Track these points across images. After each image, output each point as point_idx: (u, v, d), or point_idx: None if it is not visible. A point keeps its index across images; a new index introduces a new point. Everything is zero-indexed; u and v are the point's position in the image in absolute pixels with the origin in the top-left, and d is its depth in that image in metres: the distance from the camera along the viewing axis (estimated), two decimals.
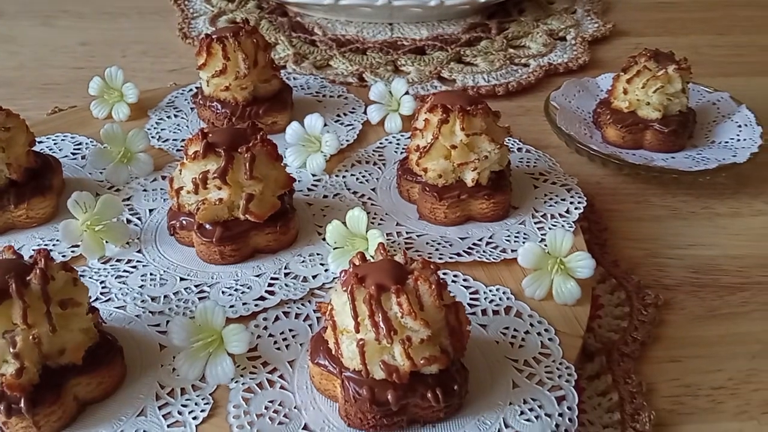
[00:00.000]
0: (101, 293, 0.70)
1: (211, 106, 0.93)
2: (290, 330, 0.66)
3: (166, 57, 1.30)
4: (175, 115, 0.99)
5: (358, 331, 0.55)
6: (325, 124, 0.88)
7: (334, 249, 0.74)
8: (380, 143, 0.94)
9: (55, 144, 0.92)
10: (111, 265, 0.73)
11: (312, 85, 1.07)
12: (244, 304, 0.69)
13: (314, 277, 0.72)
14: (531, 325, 0.67)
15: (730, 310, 0.76)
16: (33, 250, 0.63)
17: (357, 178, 0.87)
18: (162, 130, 0.96)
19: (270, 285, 0.71)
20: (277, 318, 0.68)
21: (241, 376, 0.62)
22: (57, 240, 0.76)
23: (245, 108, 0.93)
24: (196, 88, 1.04)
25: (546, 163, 0.89)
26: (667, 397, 0.67)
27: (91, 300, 0.62)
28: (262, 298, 0.69)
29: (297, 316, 0.68)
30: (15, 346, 0.54)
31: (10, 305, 0.54)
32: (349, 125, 0.97)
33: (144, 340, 0.65)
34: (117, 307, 0.68)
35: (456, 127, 0.76)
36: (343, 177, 0.87)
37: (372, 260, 0.59)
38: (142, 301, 0.69)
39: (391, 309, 0.55)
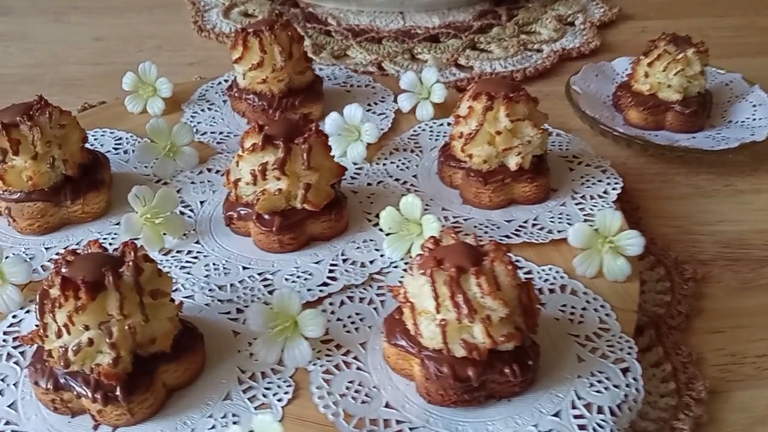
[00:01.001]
0: None
1: (247, 98, 0.95)
2: (357, 314, 0.69)
3: (183, 50, 1.31)
4: (209, 108, 1.00)
5: (438, 312, 0.58)
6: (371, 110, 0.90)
7: (386, 235, 0.76)
8: (414, 131, 0.96)
9: (95, 139, 0.93)
10: (172, 257, 0.75)
11: (338, 75, 1.09)
12: (308, 290, 0.71)
13: (371, 262, 0.75)
14: (587, 302, 0.70)
15: (765, 281, 0.80)
16: (118, 244, 0.65)
17: (397, 166, 0.89)
18: (198, 123, 0.97)
19: (330, 271, 0.73)
20: (342, 302, 0.70)
21: (318, 359, 0.64)
22: (114, 233, 0.78)
23: (281, 100, 0.94)
24: (225, 80, 1.06)
25: (578, 146, 0.92)
26: (715, 366, 0.71)
27: None
28: (324, 284, 0.72)
29: (361, 300, 0.70)
30: (111, 336, 0.56)
31: (105, 297, 0.56)
32: (381, 114, 0.99)
33: (217, 327, 0.67)
34: (185, 297, 0.70)
35: (500, 114, 0.78)
36: (384, 165, 0.89)
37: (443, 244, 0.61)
38: (210, 290, 0.71)
39: (470, 290, 0.57)
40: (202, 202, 0.83)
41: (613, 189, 0.84)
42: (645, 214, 0.90)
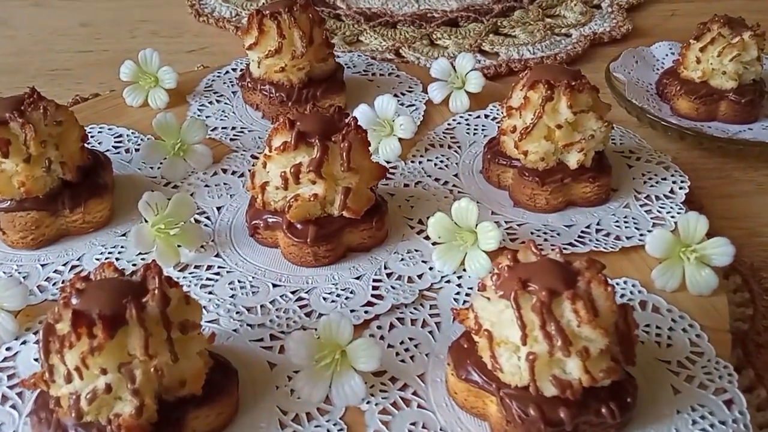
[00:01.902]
0: None
1: (263, 89, 0.85)
2: (410, 339, 0.59)
3: (180, 37, 1.21)
4: (218, 101, 0.90)
5: (525, 344, 0.48)
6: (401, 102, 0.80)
7: (433, 244, 0.67)
8: (448, 124, 0.87)
9: (92, 137, 0.83)
10: (191, 273, 0.65)
11: (357, 63, 0.99)
12: (352, 311, 0.61)
13: (420, 276, 0.65)
14: (673, 320, 0.61)
15: None
16: (134, 265, 0.55)
17: (435, 164, 0.80)
18: (207, 117, 0.87)
19: (375, 288, 0.64)
20: (392, 325, 0.60)
21: (371, 395, 0.54)
22: (122, 246, 0.68)
23: (300, 90, 0.84)
24: (232, 69, 0.96)
25: (632, 140, 0.83)
26: None
27: None
28: (369, 304, 0.62)
29: (413, 322, 0.61)
30: (134, 381, 0.46)
31: (126, 334, 0.46)
32: (410, 106, 0.89)
33: (249, 358, 0.57)
34: (208, 322, 0.60)
35: (561, 105, 0.69)
36: (420, 163, 0.80)
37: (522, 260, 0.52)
38: (237, 312, 0.61)
39: (563, 317, 0.48)
40: (219, 208, 0.73)
41: (680, 188, 0.76)
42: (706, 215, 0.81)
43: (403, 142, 0.80)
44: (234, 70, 0.96)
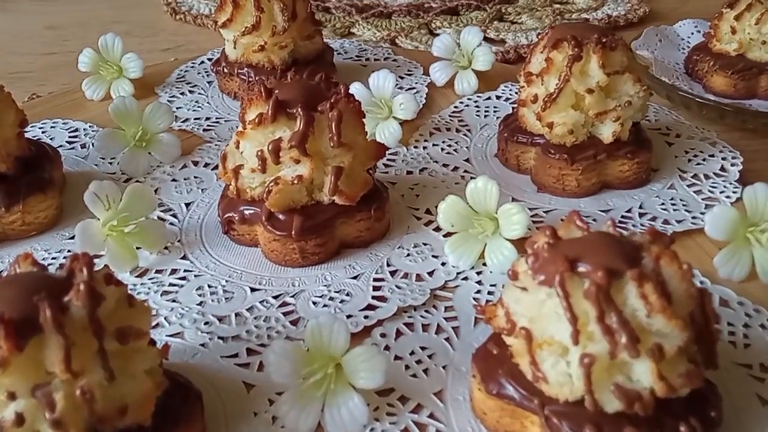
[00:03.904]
0: None
1: (240, 73, 0.74)
2: (422, 348, 0.47)
3: (155, 36, 1.11)
4: (191, 91, 0.79)
5: (576, 343, 0.36)
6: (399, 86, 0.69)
7: (444, 236, 0.55)
8: (455, 107, 0.75)
9: (43, 132, 0.72)
10: (150, 279, 0.53)
11: (349, 48, 0.88)
12: (348, 316, 0.49)
13: (431, 274, 0.53)
14: (747, 315, 0.49)
15: None
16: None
17: (442, 149, 0.68)
18: (178, 108, 0.75)
19: (376, 289, 0.52)
20: (399, 333, 0.48)
21: (376, 420, 0.42)
22: (69, 251, 0.56)
23: (284, 73, 0.73)
24: (208, 59, 0.85)
25: (668, 117, 0.72)
26: None
27: None
28: (370, 307, 0.50)
29: (425, 328, 0.49)
30: (53, 408, 0.33)
31: (40, 344, 0.34)
32: (411, 89, 0.78)
33: (220, 378, 0.45)
34: (171, 336, 0.48)
35: (592, 65, 0.58)
36: (425, 148, 0.68)
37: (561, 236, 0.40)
38: (206, 323, 0.49)
39: (627, 305, 0.36)
40: (188, 205, 0.61)
41: (732, 165, 0.64)
42: None
43: (403, 125, 0.68)
44: (210, 60, 0.85)
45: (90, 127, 0.72)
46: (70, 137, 0.71)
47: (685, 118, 0.74)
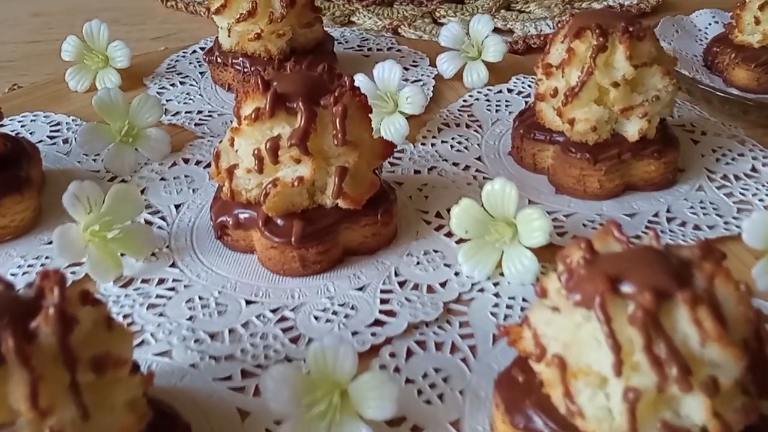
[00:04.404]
0: None
1: (235, 63, 0.69)
2: (436, 370, 0.43)
3: (144, 24, 1.05)
4: (182, 82, 0.74)
5: (619, 374, 0.31)
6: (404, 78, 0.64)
7: (457, 242, 0.51)
8: (464, 101, 0.70)
9: (23, 126, 0.67)
10: (136, 289, 0.49)
11: (350, 38, 0.83)
12: (354, 333, 0.44)
13: (443, 285, 0.49)
14: None
15: None
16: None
17: (451, 146, 0.63)
18: (168, 101, 0.70)
19: (384, 302, 0.47)
20: (410, 352, 0.44)
21: None
22: (47, 257, 0.51)
23: (282, 63, 0.67)
24: (201, 48, 0.80)
25: (691, 112, 0.67)
26: None
27: None
28: (377, 323, 0.45)
29: (438, 346, 0.44)
30: None
31: (4, 377, 0.29)
32: (416, 81, 0.73)
33: (211, 404, 0.41)
34: (157, 354, 0.43)
35: (618, 56, 0.53)
36: (433, 145, 0.63)
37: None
38: (196, 341, 0.44)
39: (677, 331, 0.31)
40: (177, 206, 0.56)
41: (764, 165, 0.60)
42: None
43: (410, 120, 0.63)
44: (203, 49, 0.80)
45: (73, 120, 0.68)
46: (51, 131, 0.66)
47: (706, 113, 0.70)
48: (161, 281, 0.50)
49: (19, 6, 1.12)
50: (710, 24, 0.91)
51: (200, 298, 0.48)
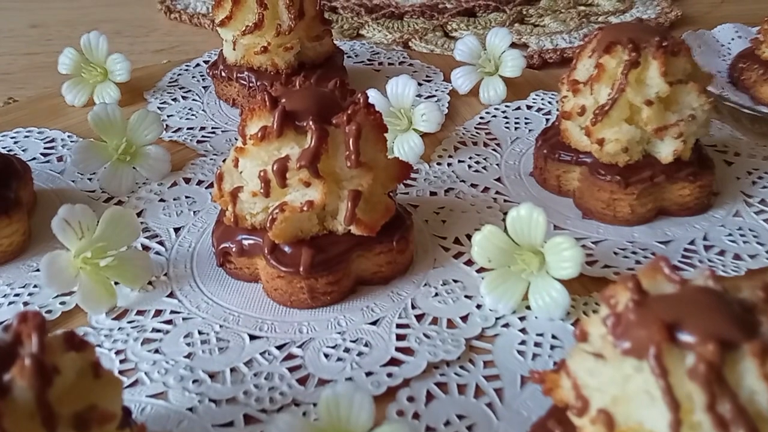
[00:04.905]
0: (120, 372, 0.41)
1: (240, 77, 0.66)
2: (460, 417, 0.39)
3: (147, 36, 1.02)
4: (184, 97, 0.71)
5: None
6: (417, 94, 0.60)
7: (478, 271, 0.47)
8: (481, 118, 0.67)
9: (15, 143, 0.63)
10: (130, 322, 0.45)
11: (360, 51, 0.80)
12: (368, 374, 0.41)
13: (464, 319, 0.45)
14: None
15: None
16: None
17: (469, 166, 0.60)
18: (169, 116, 0.67)
19: (400, 338, 0.43)
20: (430, 395, 0.40)
21: None
22: (35, 286, 0.47)
23: (289, 78, 0.64)
24: (205, 62, 0.76)
25: (722, 131, 0.63)
26: None
27: None
28: (393, 362, 0.41)
29: (461, 389, 0.40)
30: None
31: None
32: (430, 97, 0.70)
33: None
34: (152, 396, 0.39)
35: (651, 73, 0.49)
36: (449, 165, 0.60)
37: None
38: (195, 381, 0.40)
39: (742, 387, 0.27)
40: (177, 230, 0.52)
41: None
42: None
43: (425, 138, 0.60)
44: (207, 62, 0.76)
45: (69, 137, 0.64)
46: (45, 149, 0.63)
47: (738, 133, 0.66)
48: (158, 313, 0.46)
49: (17, 17, 1.09)
50: (733, 39, 0.87)
51: (200, 332, 0.44)
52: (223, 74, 0.67)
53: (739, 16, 0.92)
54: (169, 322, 0.45)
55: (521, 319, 0.45)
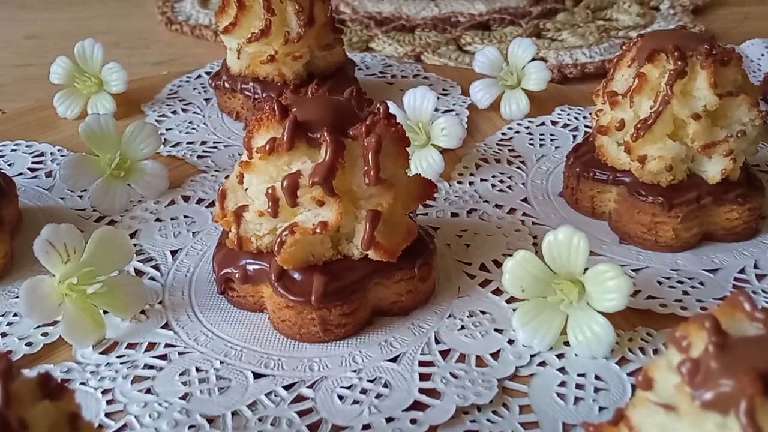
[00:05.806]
0: (106, 415, 0.36)
1: (244, 88, 0.61)
2: None
3: (146, 48, 0.98)
4: (184, 110, 0.67)
5: None
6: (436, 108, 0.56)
7: (508, 301, 0.42)
8: (503, 133, 0.62)
9: (1, 156, 0.58)
10: (119, 357, 0.40)
11: (372, 63, 0.75)
12: (388, 420, 0.35)
13: (494, 356, 0.40)
14: None
15: None
16: None
17: (492, 185, 0.55)
18: (168, 130, 0.62)
19: (424, 377, 0.38)
20: None
21: None
22: (15, 316, 0.42)
23: (298, 89, 0.60)
24: (206, 73, 0.72)
25: (764, 150, 0.59)
26: None
27: None
28: (417, 406, 0.36)
29: None
30: None
31: None
32: (449, 111, 0.65)
33: None
34: None
35: (699, 84, 0.45)
36: (471, 184, 0.55)
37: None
38: (191, 427, 0.35)
39: None
40: (174, 253, 0.48)
41: None
42: None
43: (444, 155, 0.55)
44: (208, 73, 0.72)
45: (59, 151, 0.60)
46: (33, 163, 0.58)
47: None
48: (151, 346, 0.41)
49: (11, 27, 1.05)
50: (763, 55, 0.83)
51: (198, 369, 0.39)
52: (227, 85, 0.63)
53: (764, 31, 0.89)
54: (163, 357, 0.40)
55: (559, 356, 0.40)
